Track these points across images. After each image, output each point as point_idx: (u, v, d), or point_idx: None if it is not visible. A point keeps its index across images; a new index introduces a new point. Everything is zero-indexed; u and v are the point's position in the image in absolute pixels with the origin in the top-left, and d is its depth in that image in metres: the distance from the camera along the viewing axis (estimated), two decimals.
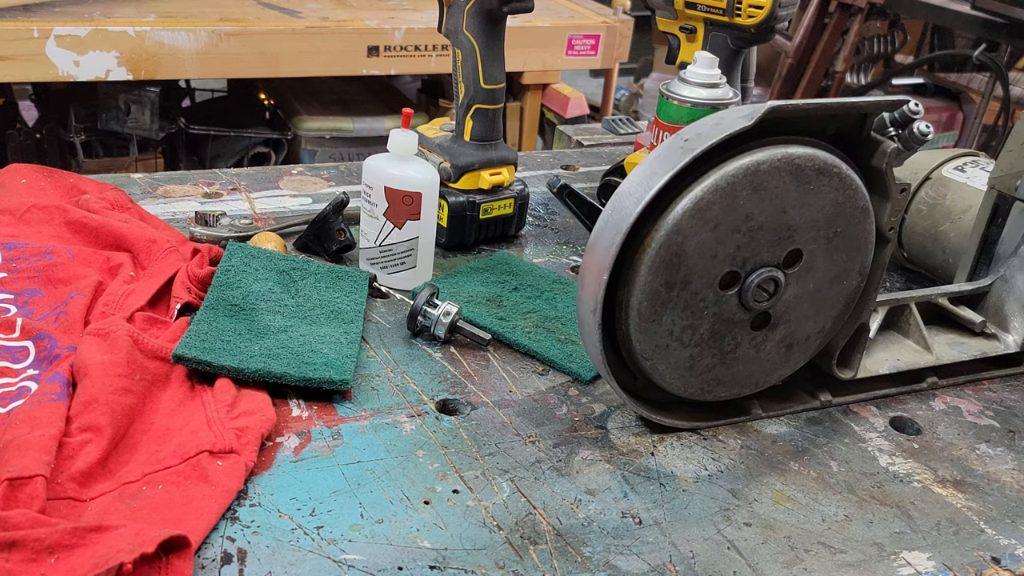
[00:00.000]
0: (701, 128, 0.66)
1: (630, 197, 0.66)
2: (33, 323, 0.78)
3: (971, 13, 2.70)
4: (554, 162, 1.33)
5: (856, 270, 0.75)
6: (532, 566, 0.61)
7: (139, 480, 0.63)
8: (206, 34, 1.94)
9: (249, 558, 0.59)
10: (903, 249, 1.08)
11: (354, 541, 0.62)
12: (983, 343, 0.90)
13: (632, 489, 0.70)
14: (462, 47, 0.97)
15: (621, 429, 0.77)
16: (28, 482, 0.59)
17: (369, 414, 0.75)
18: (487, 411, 0.77)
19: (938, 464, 0.77)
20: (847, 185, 0.70)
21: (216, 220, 0.97)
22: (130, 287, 0.83)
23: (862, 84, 3.25)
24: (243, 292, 0.83)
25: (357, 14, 2.17)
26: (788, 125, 0.69)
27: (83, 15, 1.92)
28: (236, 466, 0.65)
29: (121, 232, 0.90)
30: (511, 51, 1.02)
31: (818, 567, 0.64)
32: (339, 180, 1.18)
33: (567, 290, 0.94)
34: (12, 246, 0.87)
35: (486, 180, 1.01)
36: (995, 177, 0.93)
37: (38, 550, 0.54)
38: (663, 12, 1.09)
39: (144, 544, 0.54)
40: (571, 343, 0.85)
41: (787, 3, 0.99)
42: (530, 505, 0.67)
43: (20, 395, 0.70)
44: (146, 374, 0.73)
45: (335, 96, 2.39)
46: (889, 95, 0.82)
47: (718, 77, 0.92)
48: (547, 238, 1.09)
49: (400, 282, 0.93)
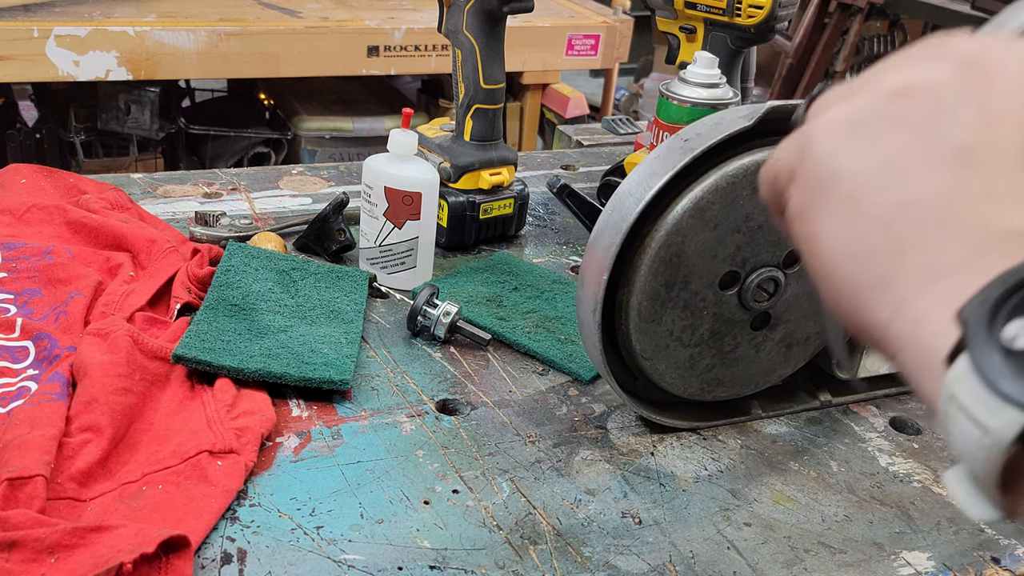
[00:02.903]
0: (701, 128, 0.66)
1: (630, 197, 0.66)
2: (33, 323, 0.78)
3: (971, 13, 2.70)
4: (554, 162, 1.33)
5: None
6: (532, 566, 0.61)
7: (139, 480, 0.63)
8: (206, 34, 1.94)
9: (249, 558, 0.59)
10: None
11: (354, 541, 0.62)
12: None
13: (632, 489, 0.70)
14: (462, 47, 0.97)
15: (621, 429, 0.77)
16: (28, 482, 0.59)
17: (369, 414, 0.75)
18: (487, 411, 0.77)
19: (938, 464, 0.77)
20: None
21: (216, 220, 0.97)
22: (130, 287, 0.83)
23: None
24: (243, 292, 0.83)
25: (357, 14, 2.17)
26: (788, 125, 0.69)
27: (83, 15, 1.92)
28: (236, 466, 0.65)
29: (121, 232, 0.90)
30: (511, 51, 1.02)
31: (818, 567, 0.64)
32: (339, 180, 1.18)
33: (567, 290, 0.94)
34: (12, 246, 0.87)
35: (486, 180, 1.01)
36: None
37: (38, 550, 0.54)
38: (663, 12, 1.09)
39: (144, 544, 0.54)
40: (571, 343, 0.85)
41: (787, 3, 0.99)
42: (530, 505, 0.67)
43: (20, 395, 0.70)
44: (146, 374, 0.73)
45: (335, 96, 2.39)
46: None
47: (718, 77, 0.92)
48: (547, 238, 1.09)
49: (400, 282, 0.93)
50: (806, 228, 0.36)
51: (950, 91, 0.33)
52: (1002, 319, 0.28)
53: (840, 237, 0.34)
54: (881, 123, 0.34)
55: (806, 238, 0.37)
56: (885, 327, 0.33)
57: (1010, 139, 0.31)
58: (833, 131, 0.35)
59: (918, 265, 0.32)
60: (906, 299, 0.32)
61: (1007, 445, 0.27)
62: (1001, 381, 0.27)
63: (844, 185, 0.34)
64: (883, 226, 0.33)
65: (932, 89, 0.33)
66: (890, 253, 0.33)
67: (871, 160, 0.34)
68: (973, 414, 0.28)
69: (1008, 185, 0.31)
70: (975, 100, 0.32)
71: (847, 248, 0.34)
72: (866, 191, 0.33)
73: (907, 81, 0.34)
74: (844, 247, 0.34)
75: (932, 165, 0.32)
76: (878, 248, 0.33)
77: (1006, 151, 0.31)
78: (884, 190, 0.33)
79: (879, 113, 0.34)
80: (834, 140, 0.35)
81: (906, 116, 0.33)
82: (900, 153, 0.33)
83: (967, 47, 0.34)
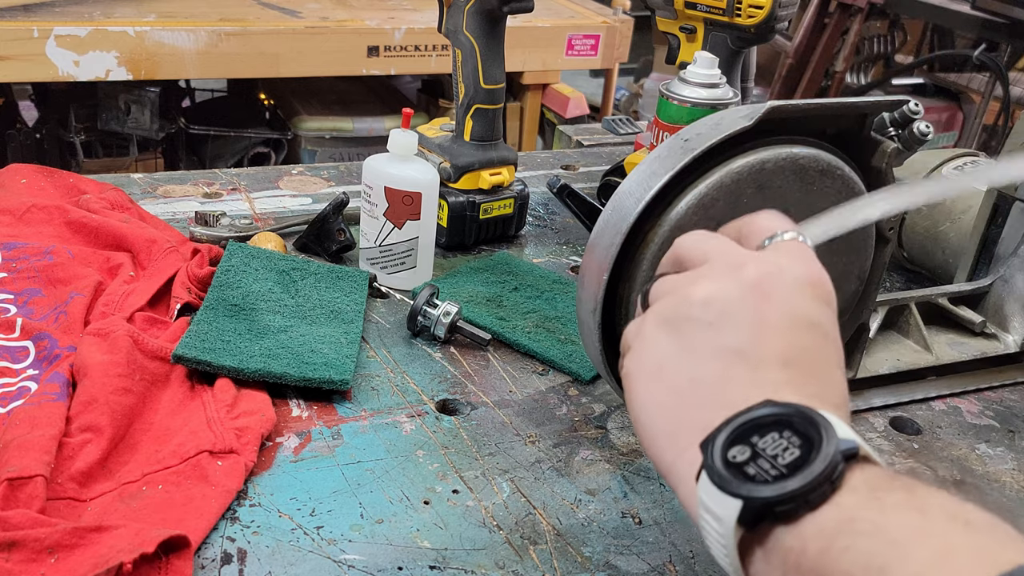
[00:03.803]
0: (701, 128, 0.66)
1: (630, 197, 0.66)
2: (33, 323, 0.78)
3: (971, 13, 2.70)
4: (554, 162, 1.33)
5: (855, 274, 0.75)
6: (532, 566, 0.61)
7: (139, 480, 0.63)
8: (206, 34, 1.94)
9: (249, 558, 0.59)
10: (903, 249, 1.08)
11: (354, 541, 0.62)
12: (983, 343, 0.90)
13: (632, 489, 0.70)
14: (462, 47, 0.97)
15: (621, 429, 0.77)
16: (28, 482, 0.59)
17: (369, 414, 0.75)
18: (487, 411, 0.77)
19: (938, 464, 0.77)
20: (849, 188, 0.70)
21: (216, 220, 0.98)
22: (130, 287, 0.83)
23: (862, 84, 3.25)
24: (243, 292, 0.83)
25: (357, 14, 2.17)
26: (788, 125, 0.69)
27: (83, 15, 1.92)
28: (236, 466, 0.65)
29: (121, 232, 0.90)
30: (511, 51, 1.02)
31: None
32: (339, 180, 1.18)
33: (567, 290, 0.94)
34: (12, 246, 0.87)
35: (486, 180, 1.01)
36: None
37: (38, 550, 0.54)
38: (663, 12, 1.09)
39: (144, 544, 0.54)
40: (571, 343, 0.85)
41: (787, 3, 0.99)
42: (530, 505, 0.67)
43: (20, 395, 0.70)
44: (146, 374, 0.73)
45: (335, 96, 2.39)
46: (889, 95, 0.82)
47: (718, 77, 0.92)
48: (547, 238, 1.09)
49: (400, 282, 0.93)
50: (628, 385, 0.49)
51: (736, 304, 0.46)
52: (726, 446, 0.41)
53: (647, 396, 0.47)
54: (684, 322, 0.47)
55: (628, 393, 0.49)
56: (671, 466, 0.45)
57: (774, 344, 0.45)
58: (654, 322, 0.48)
59: (695, 423, 0.44)
60: (685, 448, 0.44)
61: (734, 526, 0.40)
62: (724, 482, 0.40)
63: (655, 360, 0.47)
64: (676, 393, 0.46)
65: (724, 302, 0.46)
66: (677, 413, 0.45)
67: (675, 347, 0.46)
68: (711, 509, 0.41)
69: (765, 375, 0.44)
70: (752, 314, 0.45)
71: (651, 406, 0.47)
72: (668, 367, 0.46)
73: (710, 294, 0.46)
74: (650, 405, 0.47)
75: (715, 357, 0.45)
76: (670, 408, 0.46)
77: (770, 352, 0.45)
78: (680, 369, 0.46)
79: (686, 315, 0.47)
80: (653, 328, 0.48)
81: (703, 320, 0.46)
82: (694, 345, 0.46)
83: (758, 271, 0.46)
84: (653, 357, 0.47)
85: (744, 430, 0.41)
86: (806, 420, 0.41)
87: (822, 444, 0.39)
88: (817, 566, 0.38)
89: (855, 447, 0.40)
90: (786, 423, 0.41)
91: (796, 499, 0.39)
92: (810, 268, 0.48)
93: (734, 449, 0.41)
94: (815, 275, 0.47)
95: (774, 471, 0.40)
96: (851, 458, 0.40)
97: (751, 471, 0.40)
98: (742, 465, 0.40)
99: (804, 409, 0.41)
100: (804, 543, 0.38)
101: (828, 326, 0.47)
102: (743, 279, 0.46)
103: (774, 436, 0.41)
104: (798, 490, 0.39)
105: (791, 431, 0.41)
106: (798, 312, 0.46)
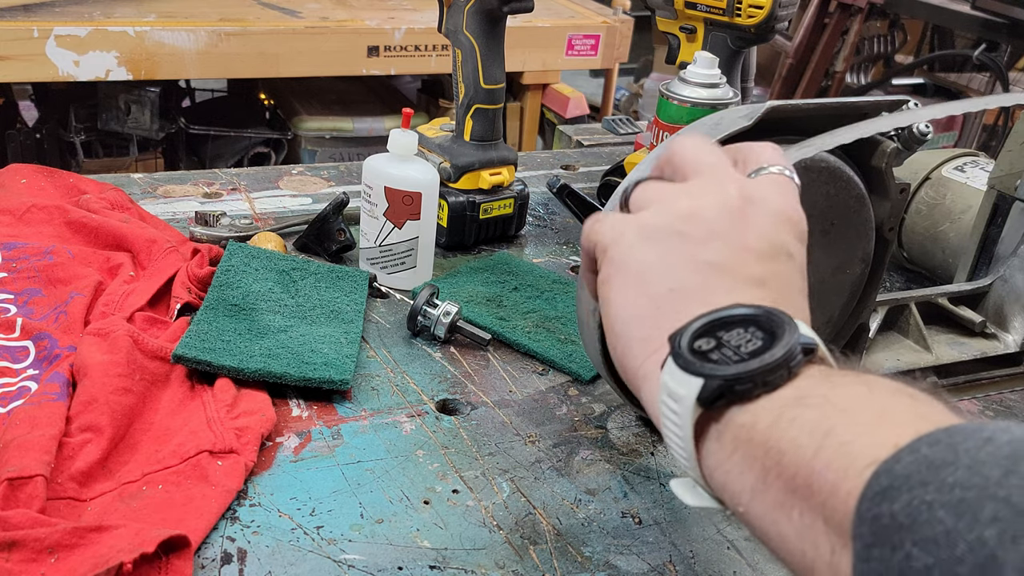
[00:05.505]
0: (701, 128, 0.66)
1: None
2: (33, 323, 0.78)
3: (971, 13, 2.70)
4: (554, 162, 1.33)
5: (859, 258, 0.75)
6: (532, 566, 0.61)
7: (139, 480, 0.64)
8: (206, 34, 1.94)
9: (249, 558, 0.59)
10: (903, 249, 1.08)
11: (354, 541, 0.62)
12: (983, 343, 0.90)
13: (632, 489, 0.70)
14: (462, 47, 0.97)
15: (621, 429, 0.77)
16: (28, 482, 0.59)
17: (369, 414, 0.75)
18: (487, 411, 0.77)
19: None
20: (837, 176, 0.70)
21: (216, 220, 0.98)
22: (130, 287, 0.83)
23: (862, 84, 3.25)
24: (243, 292, 0.83)
25: (357, 14, 2.17)
26: (788, 125, 0.69)
27: (83, 15, 1.92)
28: (236, 466, 0.65)
29: (121, 232, 0.90)
30: (511, 51, 1.02)
31: None
32: (339, 180, 1.18)
33: (567, 290, 0.94)
34: (12, 246, 0.87)
35: (486, 180, 1.01)
36: (995, 177, 0.93)
37: (38, 550, 0.54)
38: (663, 12, 1.09)
39: (144, 544, 0.54)
40: (571, 343, 0.85)
41: (787, 3, 0.99)
42: (530, 505, 0.67)
43: (20, 395, 0.70)
44: (146, 374, 0.73)
45: (335, 96, 2.39)
46: (889, 95, 0.82)
47: (718, 77, 0.92)
48: (547, 238, 1.09)
49: (400, 282, 0.93)
50: (606, 292, 0.50)
51: (720, 224, 0.48)
52: (693, 337, 0.43)
53: (626, 303, 0.48)
54: (669, 235, 0.48)
55: (604, 299, 0.50)
56: (638, 369, 0.47)
57: (752, 265, 0.47)
58: (637, 231, 0.49)
59: (670, 328, 0.45)
60: (656, 349, 0.46)
61: (693, 405, 0.42)
62: (687, 364, 0.42)
63: (636, 269, 0.48)
64: (654, 302, 0.47)
65: (706, 219, 0.48)
66: (655, 319, 0.47)
67: (658, 257, 0.48)
68: (673, 391, 0.43)
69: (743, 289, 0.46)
70: (736, 236, 0.47)
71: (628, 312, 0.48)
72: (649, 276, 0.48)
73: (692, 209, 0.48)
74: (627, 311, 0.48)
75: (697, 271, 0.47)
76: (648, 316, 0.47)
77: (748, 271, 0.47)
78: (662, 280, 0.47)
79: (668, 227, 0.48)
80: (637, 237, 0.49)
81: (688, 234, 0.48)
82: (676, 257, 0.47)
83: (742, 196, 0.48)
84: (634, 266, 0.48)
85: (712, 325, 0.44)
86: (772, 319, 0.43)
87: (784, 336, 0.42)
88: (766, 438, 0.40)
89: (814, 343, 0.42)
90: (752, 320, 0.43)
91: (754, 379, 0.41)
92: (790, 203, 0.50)
93: (700, 340, 0.43)
94: (793, 211, 0.50)
95: (736, 357, 0.42)
96: (810, 353, 0.42)
97: (714, 357, 0.42)
98: (707, 352, 0.43)
99: (772, 310, 0.43)
100: (756, 418, 0.41)
101: (799, 259, 0.49)
102: (729, 202, 0.48)
103: (739, 331, 0.43)
104: (756, 370, 0.41)
105: (756, 327, 0.43)
106: (775, 241, 0.48)
